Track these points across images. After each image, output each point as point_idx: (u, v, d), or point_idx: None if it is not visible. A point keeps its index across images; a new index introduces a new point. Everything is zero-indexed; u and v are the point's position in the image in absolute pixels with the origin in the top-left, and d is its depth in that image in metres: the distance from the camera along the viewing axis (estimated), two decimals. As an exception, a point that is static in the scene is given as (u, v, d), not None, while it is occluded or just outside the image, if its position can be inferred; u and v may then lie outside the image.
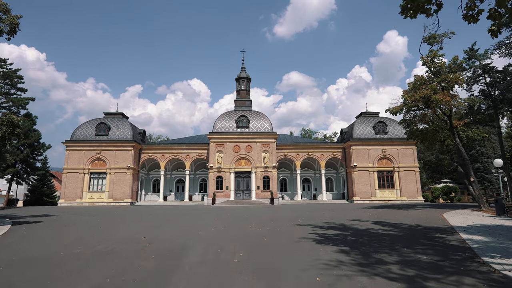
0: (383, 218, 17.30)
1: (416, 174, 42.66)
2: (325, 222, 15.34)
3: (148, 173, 47.07)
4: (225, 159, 41.29)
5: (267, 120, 43.75)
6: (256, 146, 41.76)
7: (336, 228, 12.99)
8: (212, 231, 12.75)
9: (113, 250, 8.87)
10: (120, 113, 45.42)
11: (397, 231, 12.20)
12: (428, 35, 23.51)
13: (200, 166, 46.69)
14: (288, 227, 13.91)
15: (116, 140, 41.53)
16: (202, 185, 47.24)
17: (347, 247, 8.85)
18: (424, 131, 25.84)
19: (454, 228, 13.00)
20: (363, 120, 45.60)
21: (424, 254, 8.03)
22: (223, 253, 8.43)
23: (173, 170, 47.26)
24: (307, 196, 47.64)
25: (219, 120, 43.56)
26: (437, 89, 21.69)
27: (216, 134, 41.97)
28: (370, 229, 12.88)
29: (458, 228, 13.09)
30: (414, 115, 24.70)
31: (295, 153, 44.39)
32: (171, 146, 44.10)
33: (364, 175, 42.14)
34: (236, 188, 41.09)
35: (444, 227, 13.54)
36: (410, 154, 43.13)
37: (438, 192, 49.47)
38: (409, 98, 21.96)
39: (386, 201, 41.12)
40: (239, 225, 15.09)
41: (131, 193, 40.43)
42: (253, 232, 12.46)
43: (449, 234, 11.61)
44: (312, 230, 12.61)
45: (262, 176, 41.05)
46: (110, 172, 40.58)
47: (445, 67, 22.34)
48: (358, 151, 42.62)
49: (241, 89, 47.66)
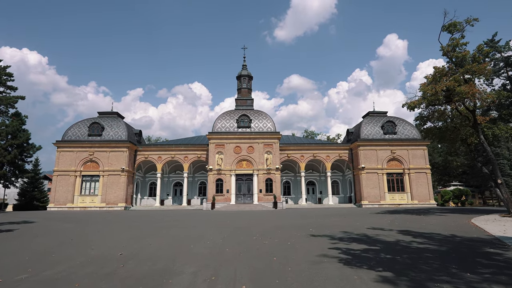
0: (407, 226, 14.92)
1: (427, 176, 40.21)
2: (342, 232, 12.97)
3: (144, 175, 44.72)
4: (226, 161, 38.93)
5: (270, 120, 41.40)
6: (258, 147, 39.41)
7: (360, 241, 10.62)
8: (208, 245, 10.39)
9: (67, 277, 6.49)
10: (115, 112, 43.16)
11: (436, 245, 9.84)
12: (448, 23, 21.33)
13: (199, 168, 44.34)
14: (299, 238, 11.56)
15: (110, 140, 39.23)
16: (201, 188, 44.85)
17: (389, 272, 6.48)
18: (443, 128, 23.50)
19: (502, 240, 10.66)
20: (371, 119, 43.25)
21: (500, 284, 5.68)
22: (219, 283, 6.08)
23: (171, 173, 44.89)
24: (312, 200, 45.18)
25: (219, 119, 41.23)
26: (460, 80, 19.36)
27: (216, 134, 39.63)
28: (401, 241, 10.52)
29: (508, 239, 10.74)
30: (433, 110, 22.35)
31: (299, 155, 42.02)
32: (169, 147, 41.77)
33: (372, 178, 39.72)
34: (237, 191, 38.69)
35: (488, 238, 11.18)
36: (421, 155, 40.71)
37: (449, 196, 46.91)
38: (429, 90, 19.61)
39: (397, 205, 38.65)
40: (240, 235, 12.74)
41: (125, 197, 38.07)
42: (258, 246, 10.11)
43: (503, 248, 9.25)
44: (331, 243, 10.25)
45: (264, 179, 38.65)
46: (103, 174, 38.26)
47: (469, 57, 20.05)
48: (366, 152, 40.23)
49: (242, 87, 45.33)
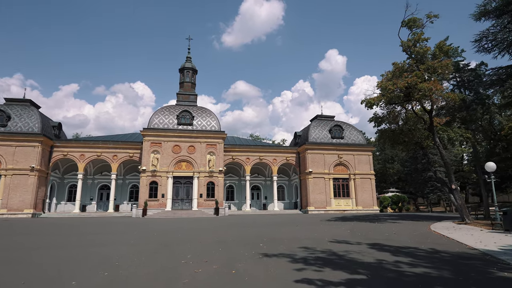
0: (374, 238, 12.59)
1: (372, 182, 40.06)
2: (302, 248, 10.01)
3: (63, 176, 37.84)
4: (162, 161, 34.32)
5: (214, 118, 37.82)
6: (200, 147, 35.53)
7: (333, 264, 7.69)
8: (105, 279, 6.56)
9: None
10: (28, 100, 35.81)
11: (430, 267, 7.32)
12: (408, 18, 20.19)
13: (131, 170, 38.89)
14: (248, 260, 8.28)
15: (17, 133, 32.13)
16: (133, 192, 39.34)
17: None
18: (398, 131, 22.33)
19: (495, 256, 8.63)
20: (319, 123, 42.10)
21: None
22: None
23: (96, 174, 38.66)
24: (257, 205, 42.43)
25: (157, 114, 36.48)
26: (422, 77, 18.14)
27: (152, 130, 34.84)
28: (384, 262, 7.84)
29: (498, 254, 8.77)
30: (389, 110, 20.99)
31: (245, 157, 39.05)
32: (95, 144, 35.72)
33: (319, 183, 38.29)
34: (174, 196, 34.25)
35: (477, 254, 9.12)
36: (367, 161, 40.52)
37: (388, 202, 47.90)
38: (390, 86, 18.02)
39: (342, 211, 37.65)
40: (164, 257, 9.02)
41: (34, 202, 31.26)
42: (186, 278, 6.60)
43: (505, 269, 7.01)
44: (295, 269, 7.13)
45: (206, 182, 34.84)
46: (6, 174, 31.06)
47: (429, 54, 19.01)
48: (314, 156, 38.73)
49: (185, 81, 41.09)
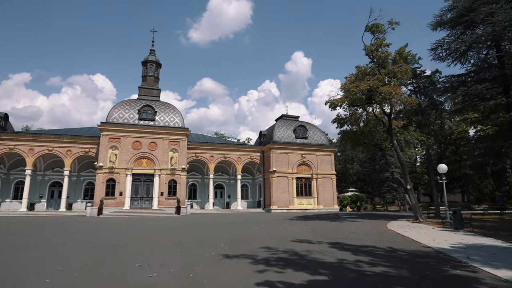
0: (334, 237, 12.74)
1: (333, 182, 41.18)
2: (264, 248, 9.81)
3: (8, 172, 34.75)
4: (121, 158, 32.67)
5: (178, 114, 36.72)
6: (162, 144, 34.30)
7: (294, 264, 7.55)
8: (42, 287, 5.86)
9: None
10: (-32, 87, 32.39)
11: (389, 266, 7.43)
12: (371, 23, 20.83)
13: (87, 166, 36.64)
14: (208, 262, 7.91)
15: (-46, 123, 28.95)
16: (88, 190, 37.07)
17: None
18: (359, 132, 23.02)
19: (447, 254, 9.01)
20: (284, 123, 42.50)
21: None
22: None
23: (47, 170, 35.93)
24: (220, 204, 41.89)
25: (117, 108, 34.66)
26: (383, 80, 18.80)
27: (111, 125, 33.02)
28: (345, 262, 7.84)
29: (449, 251, 9.18)
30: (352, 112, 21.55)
31: (209, 155, 38.35)
32: (46, 137, 33.11)
33: (283, 182, 38.64)
34: (133, 194, 32.75)
35: (431, 252, 9.47)
36: (328, 161, 41.57)
37: (347, 201, 49.53)
38: (353, 88, 18.47)
39: (304, 210, 38.30)
40: (114, 262, 8.35)
41: (-28, 200, 28.34)
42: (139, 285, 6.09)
43: (465, 269, 7.31)
44: (256, 271, 6.88)
45: (167, 180, 33.72)
46: None
47: (390, 59, 19.75)
48: (278, 155, 39.00)
49: (148, 74, 39.46)
